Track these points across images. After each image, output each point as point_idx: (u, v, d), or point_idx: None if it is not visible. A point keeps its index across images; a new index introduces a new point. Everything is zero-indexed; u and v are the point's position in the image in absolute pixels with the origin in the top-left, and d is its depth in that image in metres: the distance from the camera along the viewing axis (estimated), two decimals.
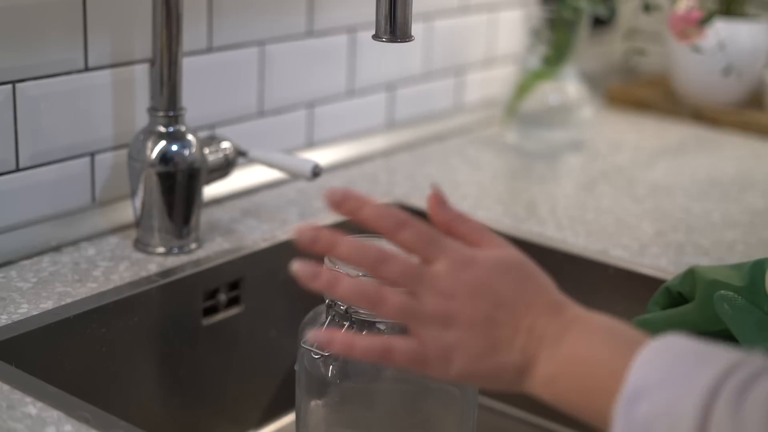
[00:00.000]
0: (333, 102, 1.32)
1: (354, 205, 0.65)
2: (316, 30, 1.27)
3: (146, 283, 0.96)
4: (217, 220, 1.11)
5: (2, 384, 0.77)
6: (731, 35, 1.46)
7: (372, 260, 0.63)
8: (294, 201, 1.19)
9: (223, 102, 1.17)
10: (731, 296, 0.86)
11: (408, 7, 0.84)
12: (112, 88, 1.05)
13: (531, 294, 0.63)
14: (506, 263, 0.63)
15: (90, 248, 1.02)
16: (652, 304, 0.94)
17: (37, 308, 0.90)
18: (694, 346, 0.57)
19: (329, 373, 0.83)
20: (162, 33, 0.98)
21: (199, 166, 1.02)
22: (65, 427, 0.72)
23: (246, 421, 1.09)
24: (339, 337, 0.63)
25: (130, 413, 0.94)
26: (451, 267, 0.62)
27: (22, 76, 0.97)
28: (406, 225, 0.63)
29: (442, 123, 1.49)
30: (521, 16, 1.57)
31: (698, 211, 1.24)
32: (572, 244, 1.12)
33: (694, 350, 0.57)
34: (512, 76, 1.55)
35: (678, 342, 0.58)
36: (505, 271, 0.63)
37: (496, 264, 0.63)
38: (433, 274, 0.62)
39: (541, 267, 1.05)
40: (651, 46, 1.71)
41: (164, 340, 0.98)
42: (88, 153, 1.04)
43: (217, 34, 1.15)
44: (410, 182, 1.28)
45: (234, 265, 1.03)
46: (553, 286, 0.65)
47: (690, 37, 1.36)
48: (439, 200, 0.66)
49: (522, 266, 0.64)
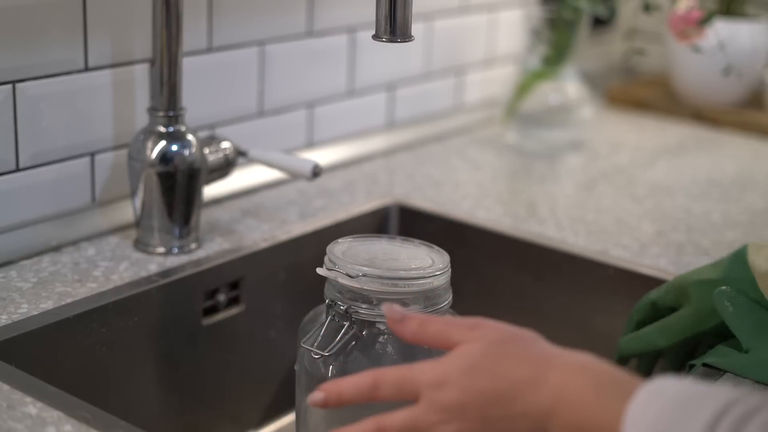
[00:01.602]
0: (333, 102, 1.32)
1: (331, 393, 0.68)
2: (316, 30, 1.27)
3: (146, 283, 0.96)
4: (217, 220, 1.11)
5: (2, 384, 0.77)
6: (731, 35, 1.46)
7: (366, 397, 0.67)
8: (294, 201, 1.19)
9: (223, 102, 1.17)
10: (731, 293, 0.87)
11: (408, 7, 0.84)
12: (112, 88, 1.05)
13: (511, 378, 0.63)
14: (476, 362, 0.64)
15: (90, 248, 1.02)
16: (631, 321, 0.96)
17: (37, 308, 0.90)
18: (683, 390, 0.57)
19: (329, 373, 0.83)
20: (162, 33, 0.98)
21: (199, 166, 1.02)
22: (65, 427, 0.72)
23: (246, 421, 1.09)
24: None
25: (130, 413, 0.94)
26: (427, 400, 0.64)
27: (22, 76, 0.97)
28: (378, 384, 0.66)
29: (442, 123, 1.49)
30: (521, 16, 1.57)
31: (698, 211, 1.24)
32: (572, 244, 1.12)
33: (684, 395, 0.56)
34: (512, 76, 1.55)
35: (667, 388, 0.57)
36: (479, 371, 0.64)
37: (467, 370, 0.64)
38: (421, 414, 0.64)
39: (541, 267, 1.05)
40: (651, 46, 1.71)
41: (164, 340, 0.98)
42: (88, 153, 1.04)
43: (217, 34, 1.15)
44: (410, 182, 1.28)
45: (234, 265, 1.03)
46: (527, 347, 0.65)
47: (690, 37, 1.36)
48: (395, 319, 0.68)
49: (492, 353, 0.65)
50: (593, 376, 0.61)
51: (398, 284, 0.81)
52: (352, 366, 0.82)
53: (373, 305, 0.82)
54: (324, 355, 0.82)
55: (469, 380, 0.63)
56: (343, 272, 0.82)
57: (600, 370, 0.62)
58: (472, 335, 0.65)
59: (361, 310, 0.82)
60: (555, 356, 0.64)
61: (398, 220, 1.21)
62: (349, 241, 0.88)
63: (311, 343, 0.83)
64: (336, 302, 0.83)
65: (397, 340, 0.83)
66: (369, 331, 0.83)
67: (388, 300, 0.81)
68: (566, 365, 0.62)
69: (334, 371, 0.82)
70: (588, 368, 0.62)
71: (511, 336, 0.66)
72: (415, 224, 1.18)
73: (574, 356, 0.63)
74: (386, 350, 0.82)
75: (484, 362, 0.64)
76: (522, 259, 1.13)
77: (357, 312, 0.82)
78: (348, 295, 0.83)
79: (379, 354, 0.82)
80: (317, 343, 0.83)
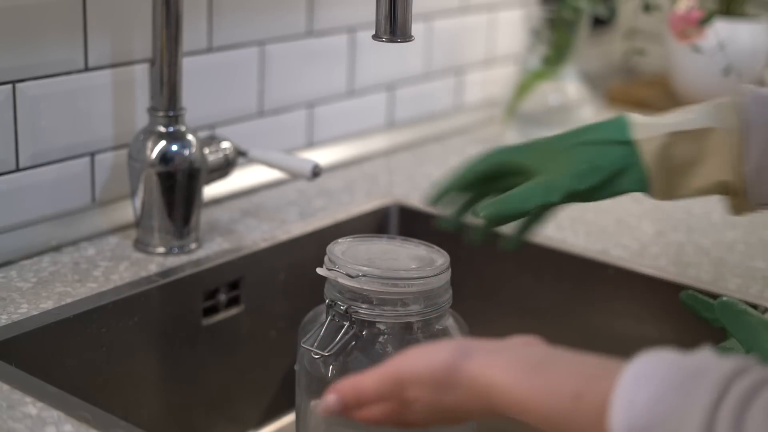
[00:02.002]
0: (333, 102, 1.32)
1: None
2: (316, 30, 1.27)
3: (146, 283, 0.96)
4: (217, 220, 1.11)
5: (2, 384, 0.77)
6: (731, 35, 1.46)
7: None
8: (294, 201, 1.19)
9: (223, 102, 1.17)
10: (732, 302, 0.86)
11: (408, 7, 0.84)
12: (112, 88, 1.05)
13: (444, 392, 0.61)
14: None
15: (90, 248, 1.02)
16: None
17: (37, 308, 0.90)
18: (674, 366, 0.51)
19: (329, 372, 0.83)
20: (162, 33, 0.98)
21: (199, 166, 1.02)
22: (65, 427, 0.72)
23: (246, 421, 1.09)
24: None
25: (130, 413, 0.94)
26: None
27: (22, 76, 0.97)
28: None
29: (442, 123, 1.49)
30: (521, 16, 1.57)
31: (698, 211, 1.24)
32: (572, 244, 1.12)
33: (678, 374, 0.51)
34: (512, 76, 1.55)
35: (655, 369, 0.51)
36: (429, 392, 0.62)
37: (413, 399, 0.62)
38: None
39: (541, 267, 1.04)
40: (651, 46, 1.70)
41: (164, 340, 0.98)
42: (88, 153, 1.04)
43: (217, 34, 1.15)
44: (410, 182, 1.28)
45: (234, 265, 1.03)
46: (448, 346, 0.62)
47: (690, 37, 1.36)
48: (332, 410, 0.64)
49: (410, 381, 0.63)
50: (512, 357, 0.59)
51: (398, 284, 0.81)
52: (353, 366, 0.82)
53: (373, 305, 0.82)
54: (324, 355, 0.82)
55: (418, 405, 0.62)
56: (343, 272, 0.82)
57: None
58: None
59: (361, 310, 0.82)
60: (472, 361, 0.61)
61: (398, 220, 1.21)
62: (349, 241, 0.88)
63: (311, 343, 0.83)
64: (336, 302, 0.83)
65: (397, 340, 0.83)
66: (369, 331, 0.83)
67: (389, 299, 0.82)
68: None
69: (334, 371, 0.82)
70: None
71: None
72: (415, 224, 1.18)
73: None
74: (386, 350, 0.82)
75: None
76: (522, 259, 1.13)
77: (357, 312, 0.82)
78: (348, 295, 0.83)
79: (379, 354, 0.82)
80: (317, 343, 0.83)
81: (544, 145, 0.86)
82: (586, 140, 0.83)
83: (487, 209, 0.84)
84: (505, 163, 0.88)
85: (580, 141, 0.84)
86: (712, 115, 0.82)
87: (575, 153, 0.84)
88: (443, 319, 0.85)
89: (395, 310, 0.81)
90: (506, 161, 0.88)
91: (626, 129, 0.82)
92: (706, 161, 0.81)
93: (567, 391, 0.53)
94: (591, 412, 0.51)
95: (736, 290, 1.02)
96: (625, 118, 0.84)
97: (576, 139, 0.84)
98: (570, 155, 0.84)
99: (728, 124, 0.81)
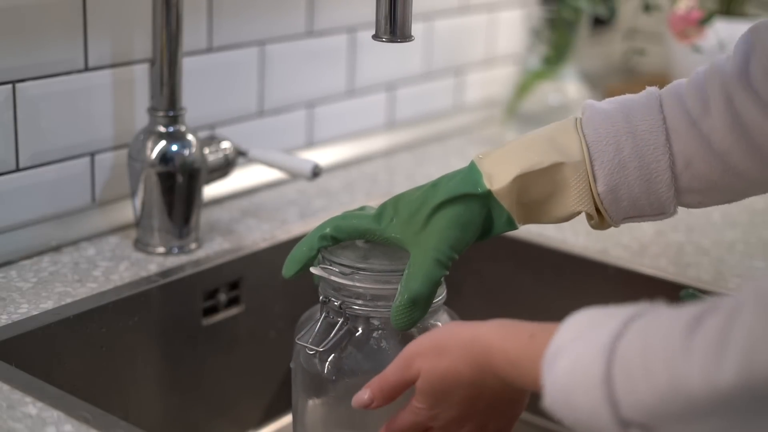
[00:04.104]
0: (333, 102, 1.32)
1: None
2: (316, 30, 1.27)
3: (146, 283, 0.96)
4: (217, 220, 1.11)
5: (2, 384, 0.77)
6: (731, 35, 1.45)
7: None
8: (294, 201, 1.19)
9: (223, 102, 1.17)
10: (697, 294, 0.88)
11: (408, 7, 0.84)
12: (112, 88, 1.05)
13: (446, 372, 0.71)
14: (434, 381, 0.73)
15: (90, 248, 1.02)
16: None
17: (37, 308, 0.90)
18: (608, 309, 0.62)
19: (325, 369, 0.83)
20: (162, 33, 0.98)
21: (199, 166, 1.02)
22: (65, 427, 0.72)
23: (246, 421, 1.09)
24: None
25: (130, 413, 0.94)
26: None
27: (22, 76, 0.97)
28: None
29: (442, 123, 1.49)
30: (521, 16, 1.57)
31: (698, 211, 1.23)
32: (572, 244, 1.12)
33: (605, 311, 0.62)
34: (512, 76, 1.55)
35: (595, 309, 0.63)
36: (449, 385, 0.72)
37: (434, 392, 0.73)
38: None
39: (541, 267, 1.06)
40: (651, 46, 1.70)
41: (164, 340, 0.98)
42: (88, 153, 1.05)
43: (217, 34, 1.15)
44: (410, 182, 1.28)
45: (234, 265, 1.03)
46: (445, 331, 0.73)
47: (690, 37, 1.36)
48: (364, 404, 0.75)
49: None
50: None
51: (391, 281, 0.81)
52: (348, 362, 0.82)
53: (367, 300, 0.82)
54: (319, 351, 0.82)
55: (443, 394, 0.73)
56: (337, 270, 0.82)
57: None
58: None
59: (356, 305, 0.82)
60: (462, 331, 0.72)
61: None
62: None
63: (306, 339, 0.83)
64: (330, 299, 0.83)
65: (392, 336, 0.83)
66: (364, 327, 0.83)
67: (382, 295, 0.82)
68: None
69: (329, 367, 0.83)
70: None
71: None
72: None
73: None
74: (381, 345, 0.83)
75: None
76: (522, 259, 1.13)
77: (351, 308, 0.82)
78: (342, 291, 0.83)
79: (374, 349, 0.83)
80: (312, 339, 0.83)
81: (404, 214, 0.82)
82: (445, 200, 0.81)
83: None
84: (363, 233, 0.84)
85: (439, 202, 0.81)
86: (557, 146, 0.80)
87: (440, 220, 0.81)
88: (437, 314, 0.85)
89: (389, 305, 0.81)
90: (364, 231, 0.84)
91: (479, 181, 0.81)
92: (560, 194, 0.81)
93: (525, 333, 0.68)
94: (540, 347, 0.64)
95: (736, 290, 1.02)
96: (474, 170, 0.82)
97: (433, 200, 0.81)
98: (437, 223, 0.81)
99: (573, 155, 0.80)
